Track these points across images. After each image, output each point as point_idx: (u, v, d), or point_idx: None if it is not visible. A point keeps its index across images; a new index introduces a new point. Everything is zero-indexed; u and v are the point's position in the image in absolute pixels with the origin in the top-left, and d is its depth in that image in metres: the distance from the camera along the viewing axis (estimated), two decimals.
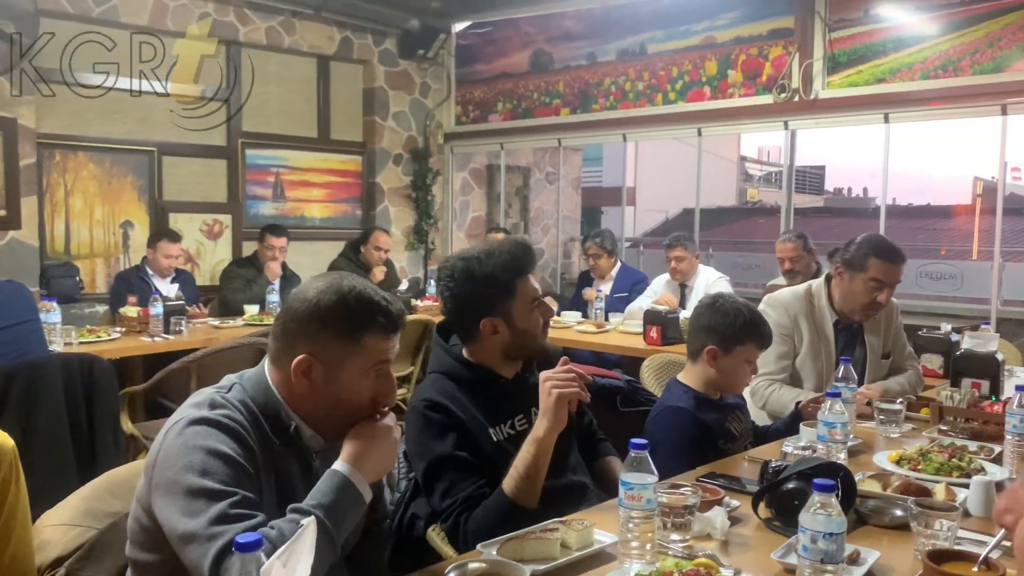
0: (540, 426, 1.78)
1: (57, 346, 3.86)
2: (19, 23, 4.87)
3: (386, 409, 1.49)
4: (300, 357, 1.44)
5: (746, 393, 2.96)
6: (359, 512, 1.42)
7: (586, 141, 7.70)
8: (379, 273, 5.87)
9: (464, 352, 2.01)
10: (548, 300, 2.09)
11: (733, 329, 2.32)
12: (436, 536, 1.86)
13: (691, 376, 2.40)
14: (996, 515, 1.36)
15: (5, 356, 3.20)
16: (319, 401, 1.47)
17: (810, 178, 24.90)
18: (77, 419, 3.30)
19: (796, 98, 5.52)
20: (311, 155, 6.85)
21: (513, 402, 1.99)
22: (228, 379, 1.51)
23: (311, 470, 1.50)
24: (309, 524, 1.24)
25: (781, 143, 6.04)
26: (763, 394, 2.96)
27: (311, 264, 6.31)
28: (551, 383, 1.79)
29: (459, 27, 7.34)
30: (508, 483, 1.78)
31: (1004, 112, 4.90)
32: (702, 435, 2.29)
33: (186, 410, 1.41)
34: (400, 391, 4.98)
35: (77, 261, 5.59)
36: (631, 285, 5.50)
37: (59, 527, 1.49)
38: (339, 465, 1.40)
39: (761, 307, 3.08)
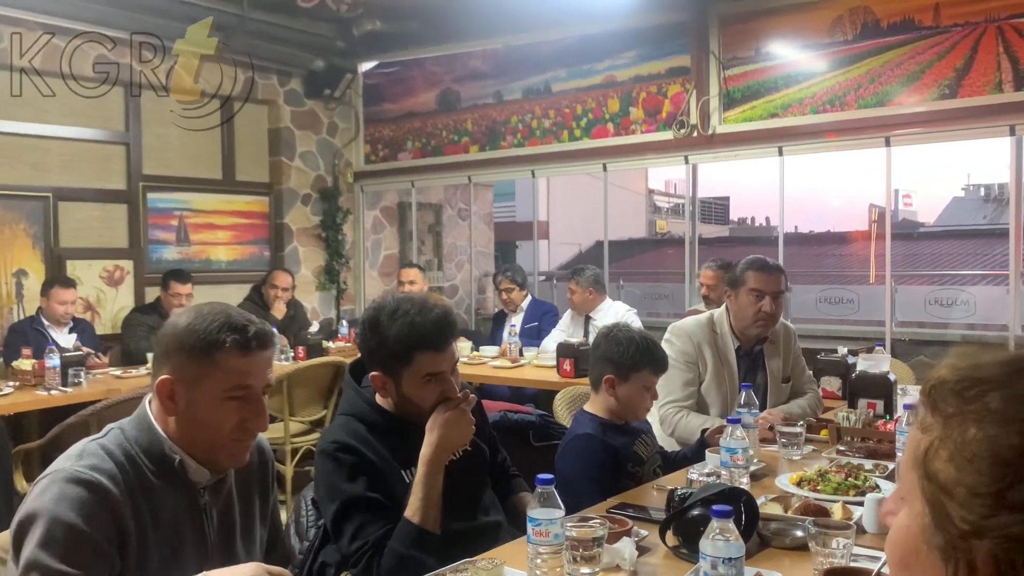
0: (426, 443, 1.82)
1: None
2: None
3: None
4: (161, 378, 1.45)
5: (654, 421, 3.03)
6: None
7: (495, 178, 7.79)
8: (279, 312, 5.78)
9: (376, 398, 1.99)
10: (459, 342, 2.08)
11: (627, 357, 2.38)
12: None
13: (595, 405, 2.46)
14: (880, 517, 1.43)
15: None
16: (185, 426, 1.46)
17: (715, 209, 25.70)
18: None
19: (695, 133, 5.73)
20: (216, 197, 6.72)
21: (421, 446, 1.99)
22: (108, 426, 1.50)
23: (198, 505, 1.50)
24: None
25: (684, 176, 6.25)
26: (671, 421, 3.02)
27: None
28: (460, 415, 1.84)
29: (366, 67, 7.36)
30: (409, 509, 1.79)
31: (888, 144, 5.20)
32: (611, 459, 2.34)
33: (56, 463, 1.40)
34: (312, 436, 4.88)
35: None
36: (541, 315, 5.61)
37: None
38: None
39: (666, 336, 3.17)
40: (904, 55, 5.06)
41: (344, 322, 6.20)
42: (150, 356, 4.90)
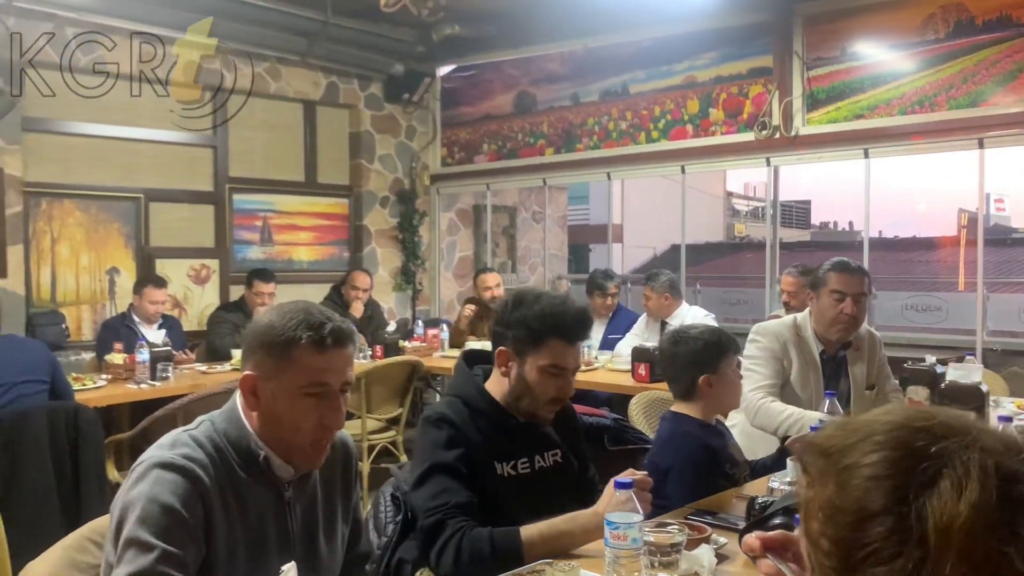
0: (595, 514, 1.76)
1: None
2: (7, 75, 4.91)
3: None
4: (245, 374, 1.49)
5: (736, 415, 2.99)
6: None
7: (570, 180, 7.77)
8: (357, 311, 5.86)
9: (486, 385, 2.03)
10: None
11: (711, 351, 2.36)
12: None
13: (689, 408, 2.41)
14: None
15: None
16: (267, 422, 1.48)
17: (796, 212, 25.13)
18: (62, 469, 3.27)
19: (777, 135, 5.60)
20: (298, 199, 6.88)
21: (520, 444, 2.00)
22: (199, 418, 1.54)
23: (283, 500, 1.52)
24: (289, 570, 1.24)
25: (766, 179, 6.12)
26: (754, 407, 2.94)
27: None
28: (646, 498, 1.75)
29: (444, 70, 7.44)
30: (528, 532, 1.77)
31: (981, 146, 4.99)
32: (711, 459, 2.32)
33: (150, 451, 1.44)
34: (388, 434, 4.96)
35: (63, 309, 5.57)
36: (625, 327, 5.36)
37: None
38: None
39: (751, 336, 3.12)
40: (1000, 53, 4.85)
41: (420, 322, 6.28)
42: (235, 352, 5.09)
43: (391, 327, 6.05)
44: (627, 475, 1.76)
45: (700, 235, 17.60)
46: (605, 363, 4.99)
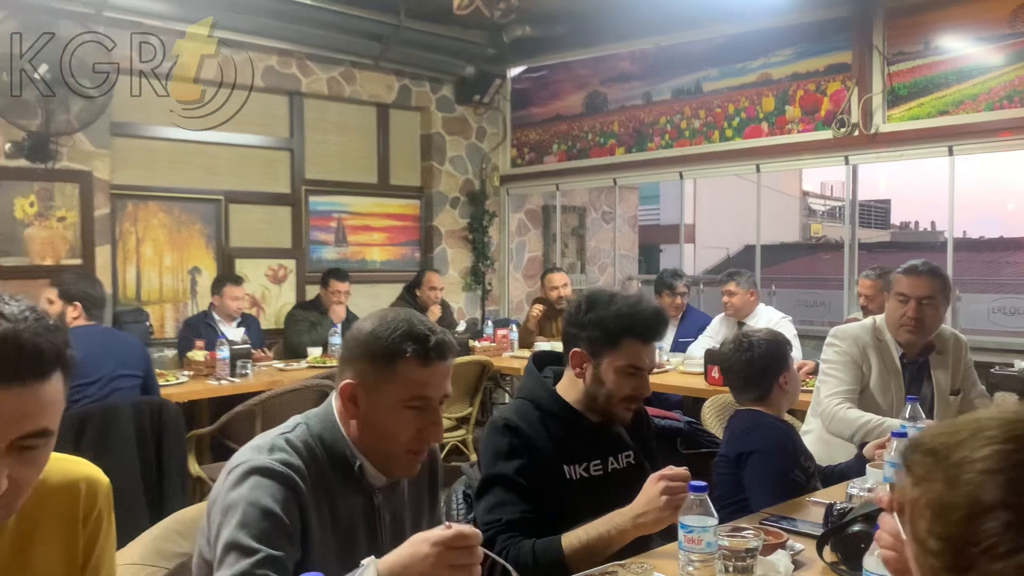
0: (634, 520, 1.73)
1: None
2: (96, 82, 5.11)
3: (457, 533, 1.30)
4: (345, 382, 1.48)
5: (812, 420, 2.93)
6: None
7: (642, 180, 7.71)
8: (435, 313, 5.93)
9: (557, 387, 2.03)
10: None
11: (779, 349, 2.40)
12: None
13: (771, 409, 2.42)
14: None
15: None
16: (365, 430, 1.48)
17: (876, 212, 24.42)
18: (147, 461, 3.39)
19: (856, 132, 5.45)
20: (371, 200, 7.00)
21: (592, 446, 1.99)
22: (294, 419, 1.54)
23: (373, 506, 1.53)
24: (369, 564, 1.25)
25: (843, 178, 5.96)
26: (830, 412, 2.87)
27: (372, 306, 6.36)
28: (666, 487, 1.71)
29: (514, 72, 7.47)
30: (569, 540, 1.76)
31: None
32: (791, 447, 2.34)
33: (246, 454, 1.45)
34: (458, 432, 5.00)
35: (147, 307, 5.78)
36: (696, 330, 5.27)
37: (131, 566, 1.53)
38: (371, 571, 1.31)
39: (829, 339, 3.05)
40: None
41: (489, 322, 6.31)
42: (311, 350, 5.21)
43: (461, 327, 6.10)
44: (668, 470, 1.75)
45: (775, 235, 17.25)
46: (677, 366, 4.93)
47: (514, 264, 7.78)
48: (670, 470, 1.75)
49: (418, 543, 1.30)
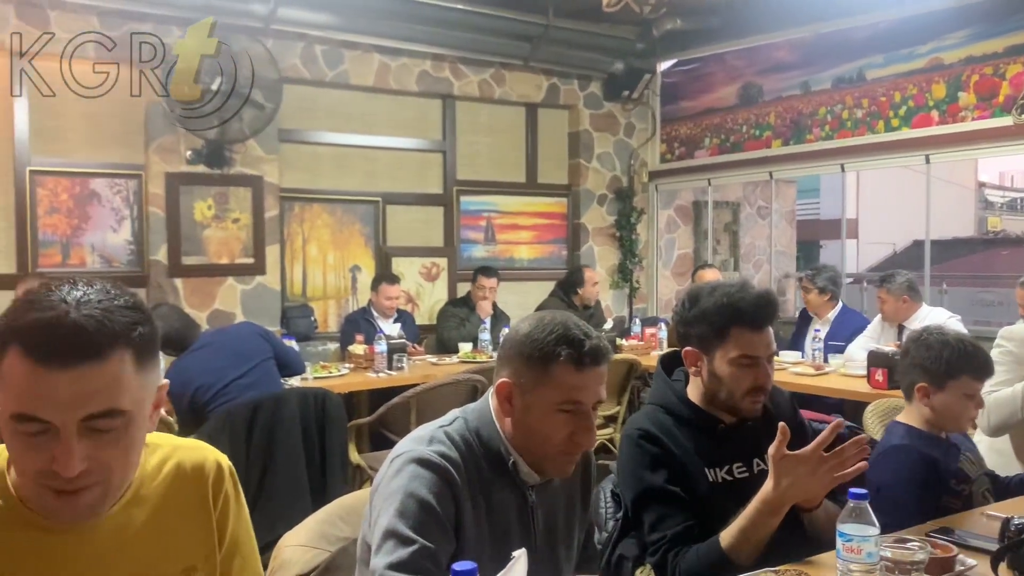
0: (774, 482, 1.67)
1: (295, 380, 4.22)
2: (266, 92, 5.46)
3: None
4: (501, 380, 1.51)
5: (980, 443, 2.72)
6: None
7: (800, 173, 7.40)
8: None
9: (686, 390, 1.99)
10: None
11: (941, 363, 2.14)
12: None
13: (910, 416, 2.24)
14: None
15: (251, 391, 3.55)
16: (520, 429, 1.50)
17: None
18: (311, 449, 3.57)
19: None
20: (519, 199, 7.09)
21: (732, 448, 1.93)
22: (452, 413, 1.59)
23: (526, 504, 1.55)
24: (520, 556, 1.27)
25: None
26: (986, 407, 2.60)
27: (520, 303, 6.50)
28: (828, 468, 1.66)
29: (664, 66, 7.35)
30: (726, 536, 1.72)
31: None
32: (931, 475, 2.10)
33: (407, 444, 1.50)
34: (606, 431, 4.98)
35: (312, 303, 6.12)
36: (851, 332, 4.98)
37: (298, 548, 1.63)
38: None
39: (998, 340, 2.85)
40: None
41: (637, 320, 6.25)
42: (461, 346, 5.35)
43: (608, 325, 6.09)
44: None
45: (947, 230, 16.14)
46: (838, 368, 4.71)
47: (663, 261, 7.66)
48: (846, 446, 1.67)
49: None
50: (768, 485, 1.69)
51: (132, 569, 1.18)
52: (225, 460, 1.32)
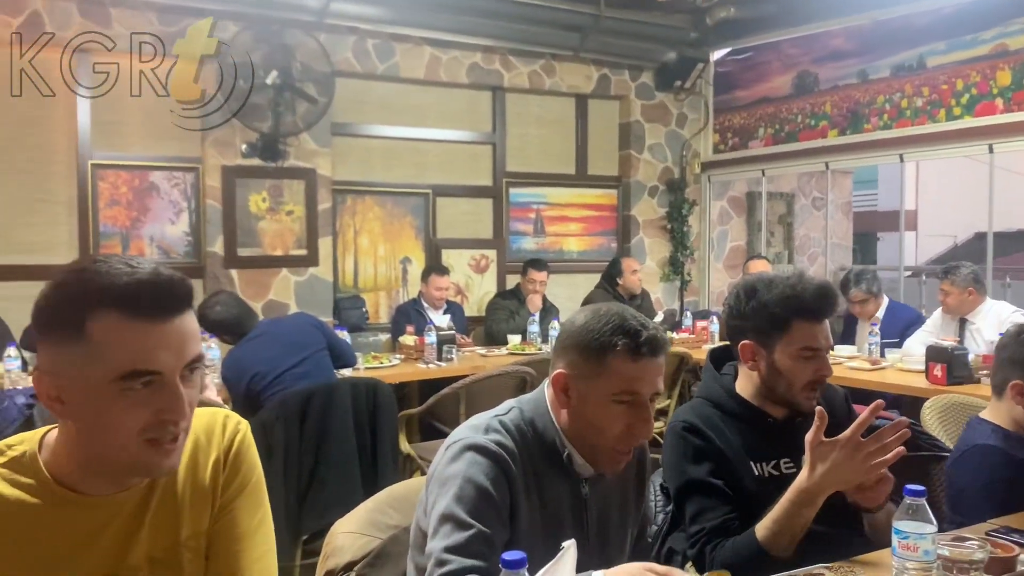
0: (809, 470, 1.65)
1: (347, 372, 4.27)
2: (319, 86, 5.53)
3: None
4: (556, 372, 1.51)
5: None
6: None
7: (857, 163, 7.23)
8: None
9: (735, 384, 1.97)
10: None
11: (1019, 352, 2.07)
12: (694, 572, 1.83)
13: (996, 413, 2.15)
14: None
15: (304, 381, 3.60)
16: (575, 421, 1.50)
17: None
18: (363, 438, 3.61)
19: None
20: (569, 191, 7.07)
21: (780, 443, 1.90)
22: (508, 403, 1.59)
23: (580, 496, 1.55)
24: (569, 547, 1.27)
25: None
26: None
27: (569, 296, 6.49)
28: (866, 455, 1.62)
29: (717, 55, 7.25)
30: (761, 528, 1.70)
31: None
32: (1018, 477, 2.03)
33: (464, 432, 1.51)
34: (657, 424, 4.94)
35: (363, 294, 6.19)
36: (904, 328, 4.85)
37: (350, 534, 1.65)
38: None
39: None
40: None
41: (688, 313, 6.19)
42: (510, 338, 5.36)
43: (659, 317, 6.04)
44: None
45: (1012, 221, 15.62)
46: (894, 362, 4.60)
47: (715, 254, 7.57)
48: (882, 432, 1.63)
49: (639, 569, 1.34)
50: (803, 473, 1.66)
51: (154, 539, 1.21)
52: (244, 425, 1.32)
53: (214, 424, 1.29)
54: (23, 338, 4.32)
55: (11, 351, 3.94)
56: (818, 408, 1.67)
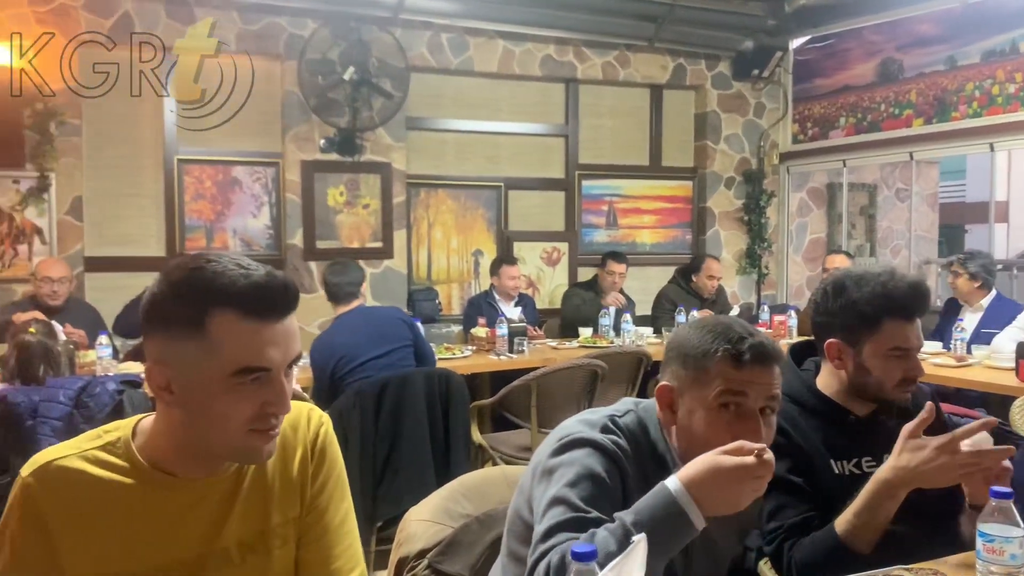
0: (894, 462, 1.60)
1: None
2: (394, 81, 5.61)
3: (760, 451, 1.30)
4: (661, 384, 1.50)
5: None
6: (684, 538, 1.33)
7: (944, 153, 6.97)
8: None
9: (817, 380, 1.92)
10: None
11: None
12: (767, 570, 1.80)
13: None
14: None
15: (385, 372, 3.67)
16: (683, 438, 1.47)
17: None
18: (435, 427, 3.67)
19: None
20: (642, 183, 7.00)
21: (862, 442, 1.85)
22: (625, 404, 1.58)
23: None
24: (640, 541, 1.26)
25: None
26: None
27: (642, 289, 6.43)
28: (958, 463, 1.56)
29: (796, 43, 7.07)
30: (840, 522, 1.66)
31: None
32: None
33: (578, 427, 1.48)
34: None
35: (436, 286, 6.27)
36: (1007, 322, 4.70)
37: (423, 522, 1.68)
38: (671, 482, 1.31)
39: None
40: None
41: (765, 307, 6.07)
42: (582, 331, 5.34)
43: (734, 311, 5.93)
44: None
45: None
46: (982, 360, 4.43)
47: (794, 247, 7.40)
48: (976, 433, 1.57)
49: (711, 455, 1.31)
50: (888, 463, 1.62)
51: (244, 524, 1.27)
52: (327, 419, 1.39)
53: (299, 418, 1.35)
54: (115, 325, 4.52)
55: (103, 339, 4.11)
56: (928, 403, 1.62)
